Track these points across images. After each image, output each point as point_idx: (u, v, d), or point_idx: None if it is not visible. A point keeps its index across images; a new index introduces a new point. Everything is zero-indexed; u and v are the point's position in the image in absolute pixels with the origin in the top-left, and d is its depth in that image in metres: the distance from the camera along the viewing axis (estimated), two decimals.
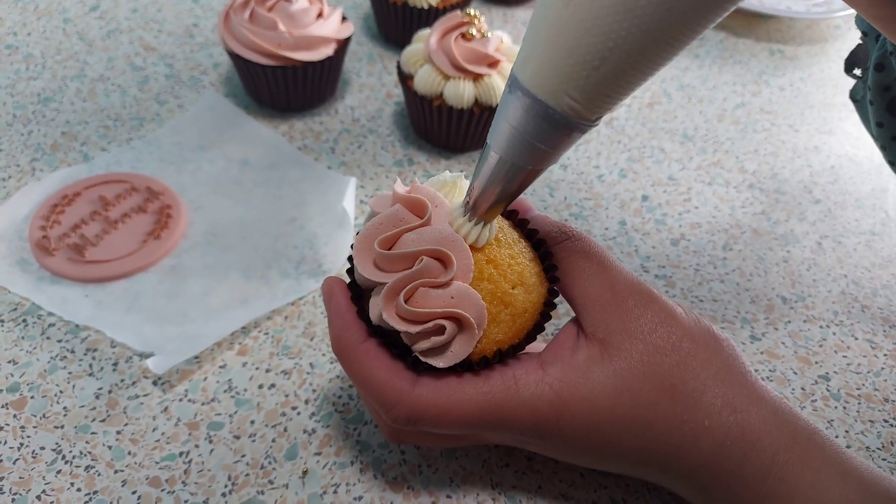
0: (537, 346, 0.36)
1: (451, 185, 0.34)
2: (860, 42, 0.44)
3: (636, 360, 0.32)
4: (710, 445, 0.32)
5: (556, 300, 0.35)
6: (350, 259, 0.34)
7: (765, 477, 0.32)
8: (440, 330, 0.31)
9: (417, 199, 0.32)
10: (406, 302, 0.31)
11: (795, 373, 0.48)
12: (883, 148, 0.44)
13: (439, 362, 0.31)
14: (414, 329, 0.31)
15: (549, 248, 0.35)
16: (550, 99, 0.26)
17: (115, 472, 0.39)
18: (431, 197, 0.33)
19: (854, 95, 0.46)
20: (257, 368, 0.45)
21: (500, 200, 0.31)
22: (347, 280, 0.35)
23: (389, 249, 0.32)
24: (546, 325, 0.35)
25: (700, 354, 0.33)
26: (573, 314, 0.36)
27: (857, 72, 0.45)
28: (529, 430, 0.33)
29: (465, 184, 0.35)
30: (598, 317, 0.33)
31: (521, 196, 0.33)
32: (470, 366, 0.33)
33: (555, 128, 0.27)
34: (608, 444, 0.33)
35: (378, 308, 0.31)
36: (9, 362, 0.44)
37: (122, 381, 0.43)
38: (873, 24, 0.32)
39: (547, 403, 0.32)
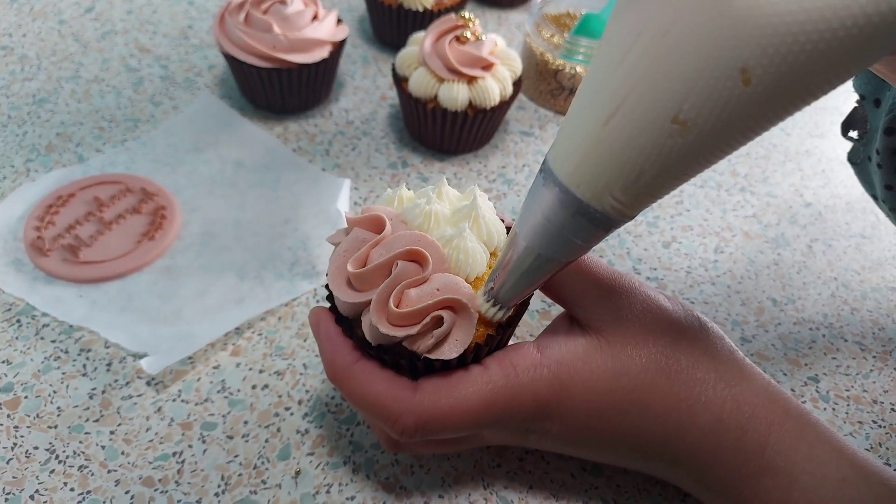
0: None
1: (396, 198, 0.35)
2: (856, 105, 0.44)
3: (631, 344, 0.33)
4: (708, 420, 0.33)
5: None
6: (329, 297, 0.34)
7: (763, 449, 0.32)
8: (439, 321, 0.31)
9: (372, 216, 0.33)
10: (397, 307, 0.31)
11: (785, 374, 0.48)
12: (892, 210, 0.44)
13: (451, 353, 0.31)
14: (414, 330, 0.31)
15: None
16: (592, 199, 0.25)
17: (109, 471, 0.39)
18: (383, 211, 0.34)
19: (853, 158, 0.46)
20: (251, 369, 0.45)
21: (525, 288, 0.30)
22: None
23: (362, 268, 0.32)
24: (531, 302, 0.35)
25: (689, 333, 0.34)
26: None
27: (854, 134, 0.45)
28: (532, 415, 0.33)
29: (408, 193, 0.35)
30: (591, 310, 0.34)
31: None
32: (464, 361, 0.33)
33: (595, 225, 0.26)
34: (607, 428, 0.34)
35: (372, 324, 0.31)
36: (3, 362, 0.44)
37: (116, 381, 0.43)
38: None
39: (546, 385, 0.33)
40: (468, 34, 0.56)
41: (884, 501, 0.32)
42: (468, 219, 0.33)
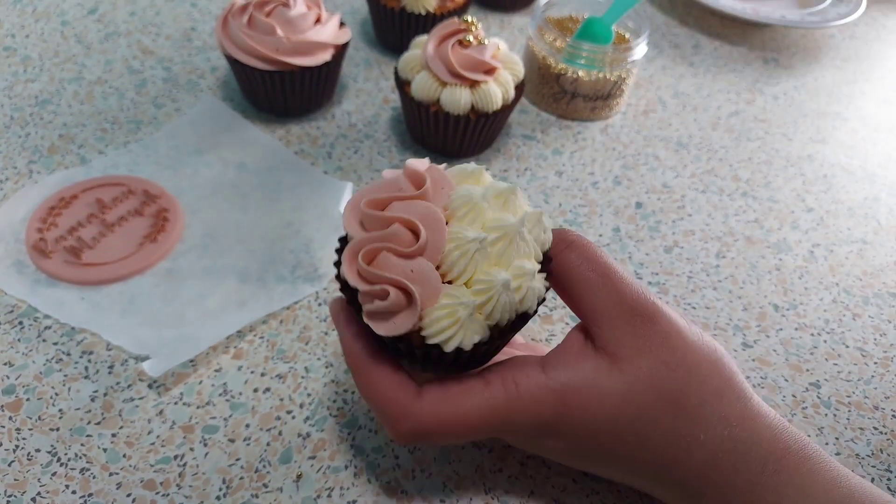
0: (540, 348, 0.36)
1: (472, 175, 0.34)
2: None
3: (644, 374, 0.32)
4: (703, 457, 0.33)
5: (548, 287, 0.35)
6: (343, 288, 0.34)
7: (753, 487, 0.33)
8: (384, 295, 0.31)
9: (419, 173, 0.33)
10: (369, 264, 0.31)
11: (786, 380, 0.48)
12: None
13: (380, 329, 0.31)
14: (364, 287, 0.31)
15: (552, 258, 0.35)
16: None
17: (110, 474, 0.39)
18: (439, 178, 0.33)
19: None
20: (252, 372, 0.45)
21: None
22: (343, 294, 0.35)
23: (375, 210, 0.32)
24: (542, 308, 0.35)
25: (702, 370, 0.33)
26: (573, 316, 0.36)
27: None
28: (531, 432, 0.34)
29: (487, 177, 0.35)
30: (608, 331, 0.33)
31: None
32: (467, 353, 0.32)
33: None
34: (604, 451, 0.34)
35: (344, 266, 0.32)
36: (5, 364, 0.44)
37: (118, 383, 0.43)
38: None
39: (548, 407, 0.33)
40: (471, 38, 0.56)
41: None
42: (502, 243, 0.32)
